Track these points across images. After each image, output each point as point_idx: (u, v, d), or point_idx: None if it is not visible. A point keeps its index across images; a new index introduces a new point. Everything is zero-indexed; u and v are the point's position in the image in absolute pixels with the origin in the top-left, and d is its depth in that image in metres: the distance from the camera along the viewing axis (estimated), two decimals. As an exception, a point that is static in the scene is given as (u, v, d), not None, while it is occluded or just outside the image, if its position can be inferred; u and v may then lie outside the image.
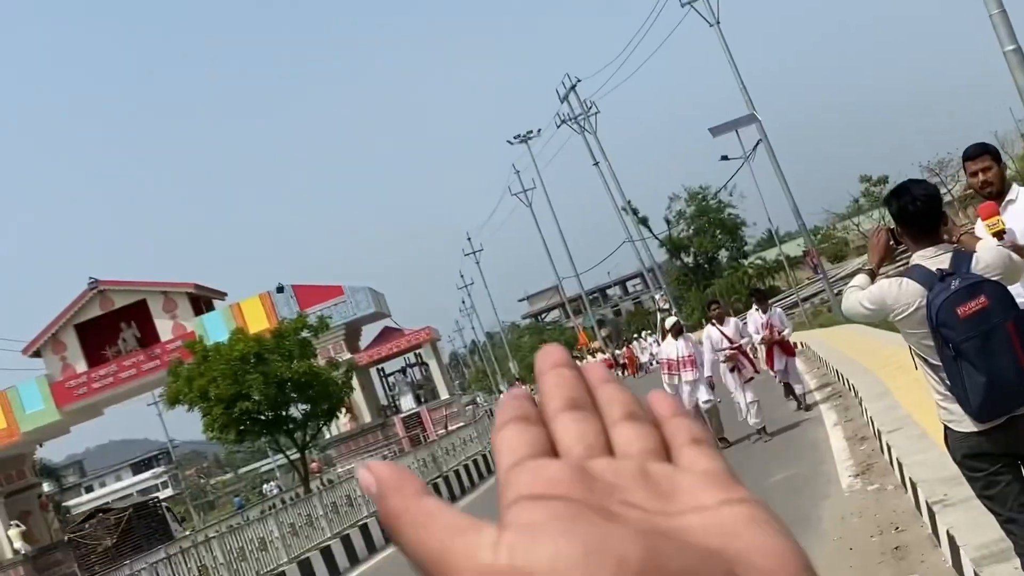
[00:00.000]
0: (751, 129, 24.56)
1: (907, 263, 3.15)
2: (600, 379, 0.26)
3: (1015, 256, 3.08)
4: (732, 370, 10.24)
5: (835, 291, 22.84)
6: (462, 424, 24.17)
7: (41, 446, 31.94)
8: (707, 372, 10.34)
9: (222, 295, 30.85)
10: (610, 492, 0.20)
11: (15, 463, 28.67)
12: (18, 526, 25.10)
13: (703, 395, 10.15)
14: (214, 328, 25.28)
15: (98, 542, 19.58)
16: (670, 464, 0.23)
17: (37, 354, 28.65)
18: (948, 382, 3.01)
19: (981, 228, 3.65)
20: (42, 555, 24.26)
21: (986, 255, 2.99)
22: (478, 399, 39.12)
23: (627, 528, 0.19)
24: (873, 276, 3.29)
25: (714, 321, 10.59)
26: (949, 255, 2.97)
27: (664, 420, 0.25)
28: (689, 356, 10.32)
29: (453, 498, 17.43)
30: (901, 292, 3.02)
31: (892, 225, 3.28)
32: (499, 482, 0.21)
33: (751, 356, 10.78)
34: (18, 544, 24.68)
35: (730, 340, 10.26)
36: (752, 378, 10.35)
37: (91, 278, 27.71)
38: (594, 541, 0.18)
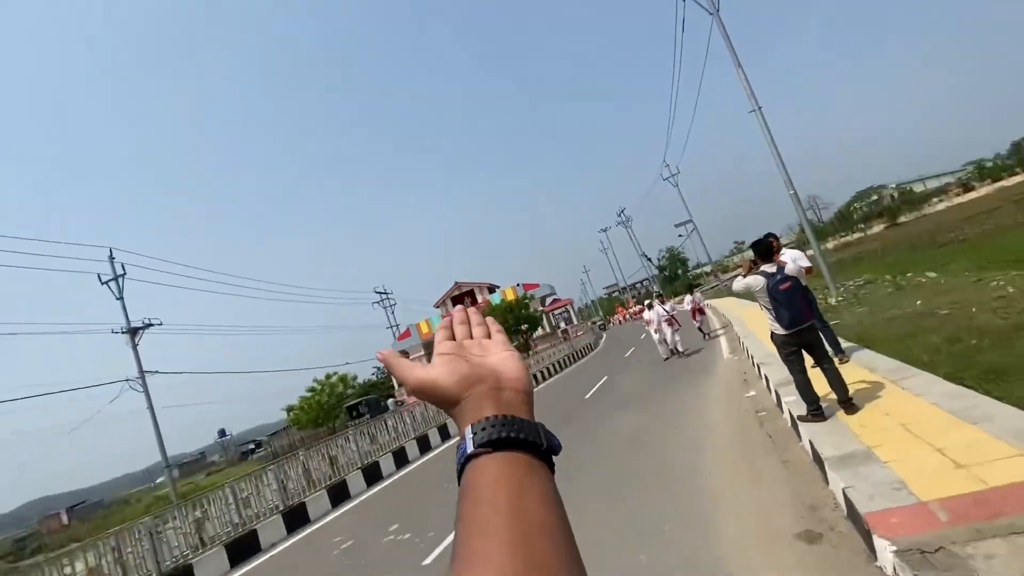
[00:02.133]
0: (690, 225, 57.68)
1: (759, 269, 6.13)
2: (473, 312, 0.77)
3: (800, 267, 6.30)
4: (669, 324, 17.25)
5: (724, 283, 56.31)
6: (582, 333, 51.65)
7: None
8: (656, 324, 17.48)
9: (497, 286, 57.25)
10: (468, 350, 0.67)
11: (430, 347, 67.33)
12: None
13: (668, 334, 17.00)
14: (495, 299, 51.48)
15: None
16: (489, 339, 0.71)
17: (436, 307, 59.02)
18: (774, 314, 5.93)
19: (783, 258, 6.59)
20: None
21: (789, 267, 5.99)
22: (590, 323, 74.70)
23: (468, 362, 0.64)
24: (744, 276, 6.15)
25: (656, 303, 17.94)
26: (775, 266, 6.02)
27: (488, 322, 0.75)
28: (660, 317, 17.47)
29: (579, 357, 30.86)
30: (756, 280, 5.99)
31: (752, 256, 6.10)
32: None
33: (676, 319, 17.54)
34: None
35: (667, 312, 17.54)
36: (678, 328, 17.30)
37: (455, 281, 62.12)
38: (453, 366, 0.63)
